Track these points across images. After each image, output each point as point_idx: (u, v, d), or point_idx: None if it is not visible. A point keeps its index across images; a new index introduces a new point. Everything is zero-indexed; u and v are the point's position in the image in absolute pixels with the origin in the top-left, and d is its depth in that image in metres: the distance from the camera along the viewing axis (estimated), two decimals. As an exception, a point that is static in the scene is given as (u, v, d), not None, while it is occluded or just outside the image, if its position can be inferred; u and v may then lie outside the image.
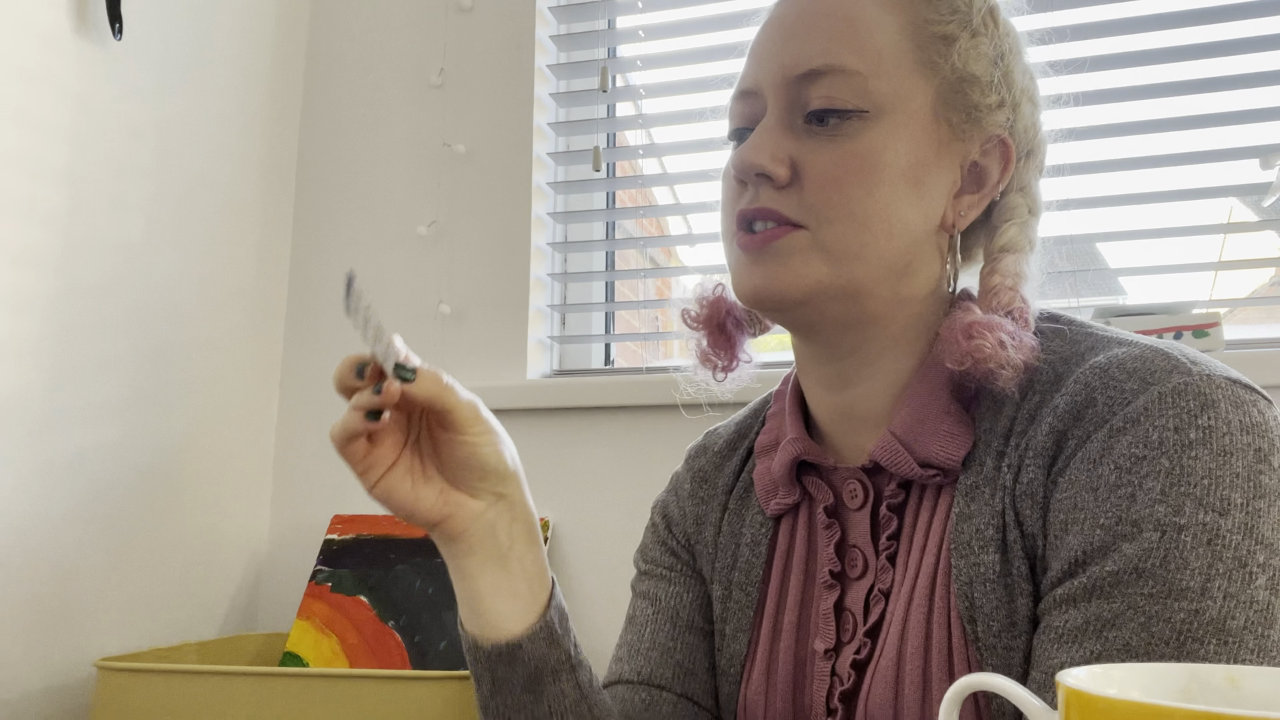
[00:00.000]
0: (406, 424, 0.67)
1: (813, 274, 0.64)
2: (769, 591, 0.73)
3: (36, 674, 1.18)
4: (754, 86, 0.68)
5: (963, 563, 0.61)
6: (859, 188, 0.63)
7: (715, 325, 0.78)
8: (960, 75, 0.66)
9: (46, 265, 1.21)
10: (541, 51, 1.62)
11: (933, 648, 0.61)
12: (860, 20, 0.66)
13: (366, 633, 1.33)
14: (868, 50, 0.65)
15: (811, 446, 0.71)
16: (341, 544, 1.43)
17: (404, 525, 1.44)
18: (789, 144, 0.65)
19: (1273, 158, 1.25)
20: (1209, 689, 0.42)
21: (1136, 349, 0.60)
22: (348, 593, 1.38)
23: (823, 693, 0.67)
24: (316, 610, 1.37)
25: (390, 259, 1.61)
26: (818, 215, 0.64)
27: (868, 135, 0.64)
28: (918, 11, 0.67)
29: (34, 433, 1.19)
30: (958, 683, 0.45)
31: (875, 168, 0.64)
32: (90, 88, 1.28)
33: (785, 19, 0.68)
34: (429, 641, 1.30)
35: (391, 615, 1.34)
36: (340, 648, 1.33)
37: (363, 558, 1.41)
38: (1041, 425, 0.60)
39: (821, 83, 0.65)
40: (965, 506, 0.62)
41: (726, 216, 0.69)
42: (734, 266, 0.68)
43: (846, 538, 0.69)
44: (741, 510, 0.77)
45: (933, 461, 0.64)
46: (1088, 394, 0.59)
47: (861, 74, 0.64)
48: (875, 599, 0.66)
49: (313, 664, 1.32)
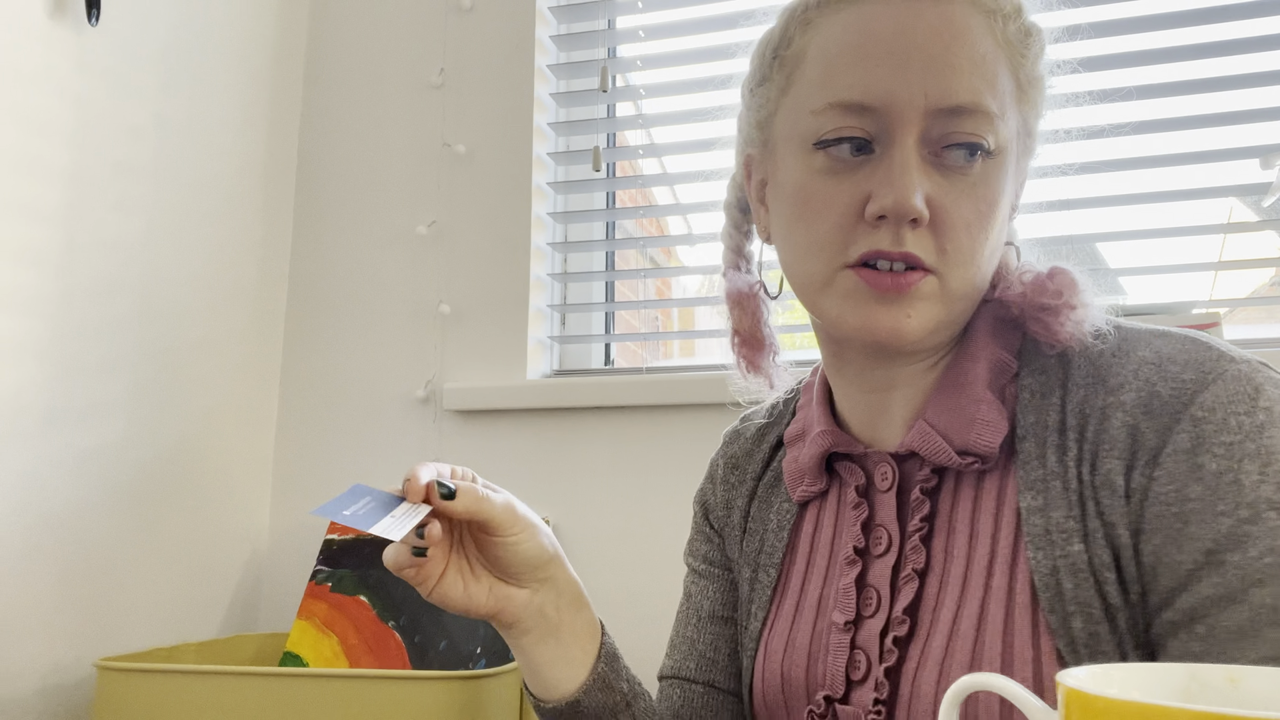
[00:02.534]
0: (450, 529, 0.71)
1: (935, 317, 0.65)
2: (792, 572, 0.76)
3: (36, 674, 1.18)
4: (878, 104, 0.64)
5: (1041, 554, 0.62)
6: (982, 231, 0.65)
7: (757, 331, 0.82)
8: (1034, 113, 0.69)
9: (46, 265, 1.21)
10: (541, 51, 1.62)
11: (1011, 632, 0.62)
12: (990, 59, 0.65)
13: (366, 633, 1.33)
14: (998, 92, 0.65)
15: (842, 437, 0.74)
16: (341, 544, 1.43)
17: None
18: (925, 183, 0.63)
19: (1273, 158, 1.25)
20: (1209, 689, 0.42)
21: (1174, 340, 0.64)
22: (348, 593, 1.37)
23: (840, 663, 0.69)
24: (316, 610, 1.37)
25: (390, 259, 1.61)
26: (949, 260, 0.64)
27: (994, 179, 0.65)
28: (1016, 50, 0.67)
29: (34, 433, 1.19)
30: (958, 682, 0.45)
31: (995, 211, 0.65)
32: (76, 80, 1.27)
33: (919, 35, 0.64)
34: (429, 641, 1.30)
35: (391, 615, 1.34)
36: (340, 648, 1.33)
37: (363, 558, 1.41)
38: (1111, 420, 0.62)
39: (965, 121, 0.63)
40: (1033, 500, 0.64)
41: (831, 248, 0.66)
42: (843, 300, 0.66)
43: (873, 517, 0.72)
44: (770, 497, 0.81)
45: (971, 449, 0.66)
46: (1150, 388, 0.62)
47: (996, 116, 0.64)
48: (907, 578, 0.68)
49: (313, 664, 1.32)
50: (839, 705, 0.69)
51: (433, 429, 1.54)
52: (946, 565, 0.67)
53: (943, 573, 0.67)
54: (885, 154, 0.64)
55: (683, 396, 1.41)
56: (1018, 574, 0.64)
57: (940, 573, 0.67)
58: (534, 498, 1.47)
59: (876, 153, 0.65)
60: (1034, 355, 0.69)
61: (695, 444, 1.42)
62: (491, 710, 1.09)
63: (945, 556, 0.68)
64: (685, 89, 1.57)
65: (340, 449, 1.58)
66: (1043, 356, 0.68)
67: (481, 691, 1.07)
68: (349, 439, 1.58)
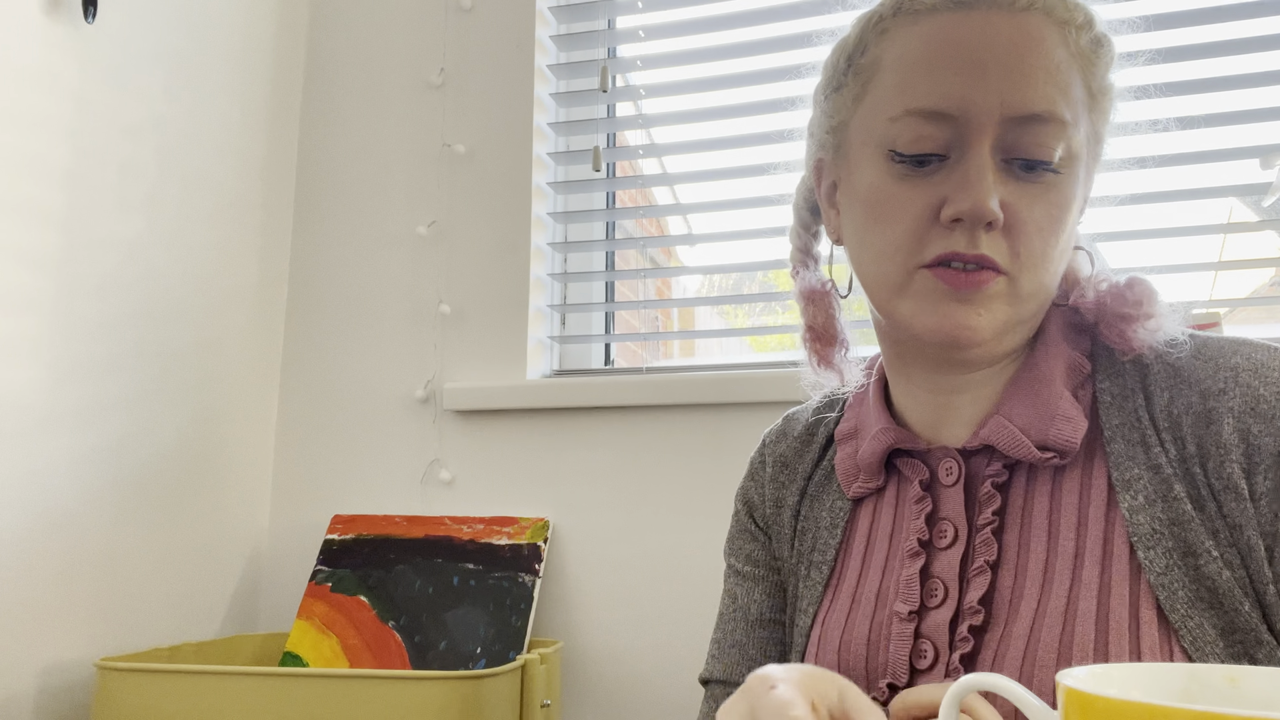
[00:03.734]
0: None
1: (1005, 317, 0.67)
2: (847, 566, 0.77)
3: (36, 674, 1.18)
4: (956, 111, 0.66)
5: (1153, 554, 0.64)
6: (1054, 236, 0.67)
7: (831, 329, 0.83)
8: (1105, 122, 0.72)
9: (46, 265, 1.21)
10: (541, 51, 1.62)
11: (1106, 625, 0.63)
12: (1063, 66, 0.67)
13: (366, 633, 1.33)
14: (1072, 101, 0.67)
15: (903, 435, 0.75)
16: (341, 544, 1.43)
17: (404, 525, 1.44)
18: (1000, 187, 0.66)
19: (1273, 158, 1.25)
20: (1209, 689, 0.42)
21: (1261, 347, 0.67)
22: (348, 593, 1.38)
23: (904, 652, 0.70)
24: (316, 610, 1.37)
25: (390, 259, 1.61)
26: (1021, 263, 0.66)
27: (1067, 185, 0.67)
28: (1088, 60, 0.70)
29: (33, 433, 1.19)
30: (959, 682, 0.45)
31: (1066, 216, 0.67)
32: (74, 79, 1.27)
33: (995, 44, 0.66)
34: (429, 641, 1.30)
35: (391, 615, 1.34)
36: (340, 648, 1.33)
37: (363, 558, 1.41)
38: (1220, 424, 0.64)
39: (1040, 130, 0.65)
40: (1133, 500, 0.65)
41: (907, 249, 0.68)
42: (920, 300, 0.68)
43: (937, 511, 0.73)
44: (821, 495, 0.81)
45: (1051, 444, 0.68)
46: (1253, 393, 0.64)
47: (1071, 125, 0.66)
48: (978, 570, 0.69)
49: (313, 664, 1.32)
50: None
51: (433, 429, 1.54)
52: (1023, 557, 0.68)
53: (1017, 565, 0.68)
54: (961, 160, 0.66)
55: (683, 396, 1.40)
56: (1111, 568, 0.65)
57: (1015, 565, 0.68)
58: (534, 498, 1.47)
59: (952, 158, 0.67)
60: (1107, 360, 0.71)
61: (695, 444, 1.42)
62: (491, 710, 1.09)
63: (1020, 549, 0.69)
64: (685, 89, 1.57)
65: (340, 449, 1.58)
66: (1116, 361, 0.71)
67: (481, 691, 1.07)
68: (349, 439, 1.58)
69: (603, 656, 1.41)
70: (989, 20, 0.66)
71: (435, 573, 1.37)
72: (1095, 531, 0.67)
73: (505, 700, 1.12)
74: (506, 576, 1.34)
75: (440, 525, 1.42)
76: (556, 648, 1.32)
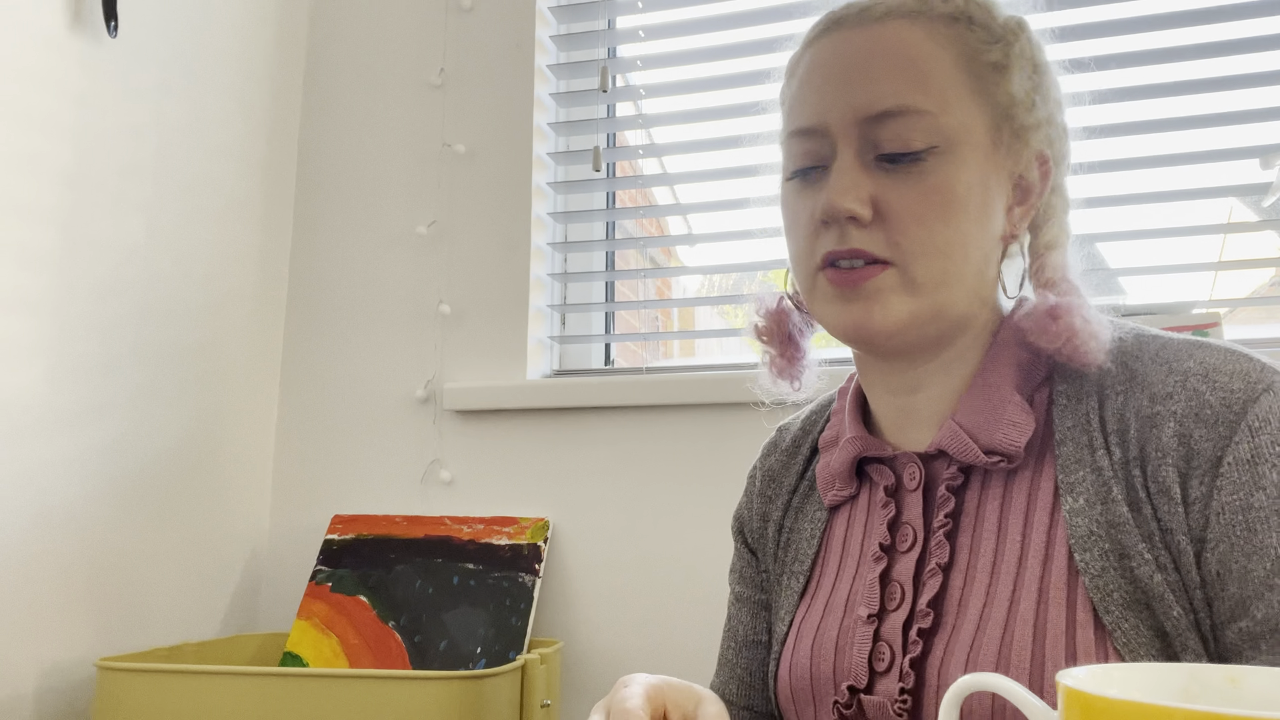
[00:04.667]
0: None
1: (904, 308, 0.69)
2: (823, 574, 0.79)
3: (36, 674, 1.18)
4: (819, 126, 0.71)
5: (1089, 555, 0.64)
6: (939, 221, 0.68)
7: (784, 336, 0.85)
8: (1010, 99, 0.71)
9: (46, 265, 1.21)
10: (541, 51, 1.62)
11: (1043, 627, 0.64)
12: (922, 59, 0.70)
13: (366, 633, 1.33)
14: (933, 88, 0.69)
15: (871, 442, 0.76)
16: (341, 544, 1.43)
17: (404, 525, 1.44)
18: (868, 183, 0.69)
19: (1273, 158, 1.25)
20: (1209, 689, 0.42)
21: (1216, 351, 0.66)
22: (348, 593, 1.38)
23: (863, 655, 0.71)
24: (316, 610, 1.37)
25: (390, 259, 1.61)
26: (904, 251, 0.68)
27: (943, 170, 0.69)
28: (965, 43, 0.71)
29: (33, 433, 1.19)
30: (958, 682, 0.45)
31: (952, 200, 0.68)
32: (88, 86, 1.28)
33: (846, 58, 0.71)
34: (429, 641, 1.31)
35: (391, 615, 1.34)
36: (340, 648, 1.33)
37: (363, 558, 1.41)
38: (1162, 428, 0.64)
39: (894, 123, 0.68)
40: (1074, 502, 0.66)
41: (806, 255, 0.73)
42: (823, 302, 0.72)
43: (900, 516, 0.74)
44: (804, 505, 0.83)
45: (997, 448, 0.69)
46: (1199, 398, 0.64)
47: (931, 113, 0.69)
48: (931, 572, 0.70)
49: (313, 664, 1.32)
50: (864, 696, 0.71)
51: (433, 429, 1.54)
52: (973, 560, 0.69)
53: (968, 567, 0.69)
54: (833, 167, 0.71)
55: (683, 396, 1.41)
56: (1051, 571, 0.65)
57: (966, 567, 0.69)
58: (534, 498, 1.47)
59: (830, 167, 0.71)
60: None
61: (695, 444, 1.42)
62: (491, 710, 1.09)
63: (971, 552, 0.70)
64: (685, 89, 1.57)
65: (340, 449, 1.58)
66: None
67: (481, 691, 1.07)
68: (349, 439, 1.58)
69: (603, 656, 1.41)
70: (846, 38, 0.72)
71: (435, 573, 1.37)
72: (1039, 534, 0.67)
73: (505, 700, 1.12)
74: (506, 576, 1.34)
75: (440, 525, 1.42)
76: (556, 648, 1.32)
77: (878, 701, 0.70)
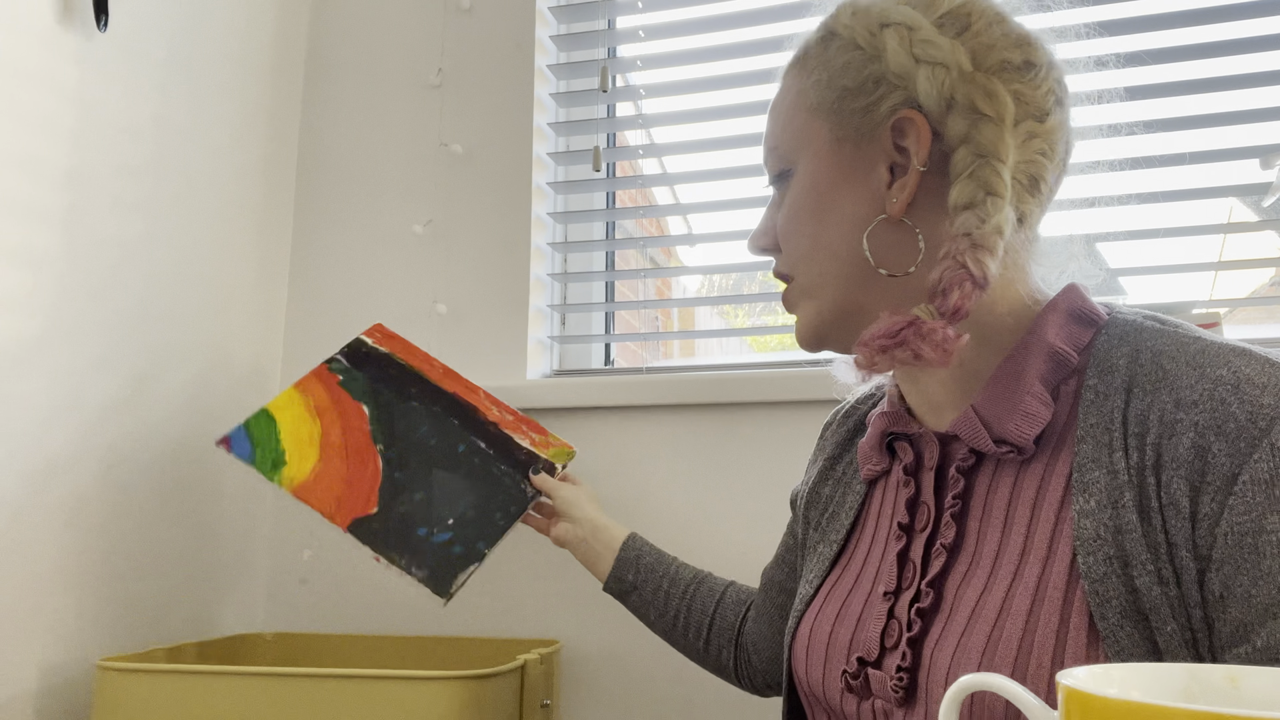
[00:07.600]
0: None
1: (809, 311, 0.78)
2: (858, 545, 0.82)
3: (36, 674, 1.18)
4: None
5: (1092, 559, 0.63)
6: (796, 233, 0.78)
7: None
8: (835, 97, 0.75)
9: (46, 265, 1.21)
10: (541, 51, 1.62)
11: (1034, 625, 0.63)
12: (782, 99, 0.80)
13: (351, 440, 1.23)
14: (781, 120, 0.80)
15: (898, 418, 0.80)
16: (372, 351, 1.33)
17: (439, 373, 1.34)
18: (775, 216, 0.81)
19: (1273, 158, 1.25)
20: (1209, 689, 0.42)
21: (1255, 360, 0.63)
22: (353, 395, 1.27)
23: (877, 630, 0.73)
24: (314, 391, 1.27)
25: (390, 259, 1.61)
26: (790, 261, 0.79)
27: (794, 186, 0.78)
28: (826, 66, 0.76)
29: (33, 432, 1.19)
30: (959, 682, 0.45)
31: (799, 210, 0.77)
32: (79, 82, 1.28)
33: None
34: (408, 486, 1.21)
35: (384, 440, 1.24)
36: (318, 438, 1.22)
37: (385, 375, 1.31)
38: (1180, 439, 0.62)
39: (769, 161, 0.81)
40: (1085, 503, 0.65)
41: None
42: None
43: (920, 495, 0.76)
44: (852, 478, 0.87)
45: (1007, 438, 0.69)
46: (1224, 409, 0.61)
47: (775, 148, 0.80)
48: (936, 552, 0.72)
49: (283, 438, 1.22)
50: (871, 670, 0.73)
51: (433, 429, 1.54)
52: (979, 545, 0.70)
53: (974, 552, 0.70)
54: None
55: (683, 396, 1.41)
56: (1051, 569, 0.65)
57: (972, 551, 0.70)
58: (534, 498, 1.47)
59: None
60: (1104, 354, 0.69)
61: (695, 444, 1.42)
62: (491, 710, 1.09)
63: (978, 537, 0.71)
64: (685, 89, 1.57)
65: (340, 449, 1.58)
66: (1113, 357, 0.68)
67: (481, 691, 1.07)
68: (349, 439, 1.58)
69: (603, 656, 1.41)
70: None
71: (446, 432, 1.27)
72: (1044, 530, 0.67)
73: (505, 700, 1.12)
74: (510, 475, 1.24)
75: (474, 394, 1.32)
76: (556, 648, 1.32)
77: (880, 676, 0.72)
